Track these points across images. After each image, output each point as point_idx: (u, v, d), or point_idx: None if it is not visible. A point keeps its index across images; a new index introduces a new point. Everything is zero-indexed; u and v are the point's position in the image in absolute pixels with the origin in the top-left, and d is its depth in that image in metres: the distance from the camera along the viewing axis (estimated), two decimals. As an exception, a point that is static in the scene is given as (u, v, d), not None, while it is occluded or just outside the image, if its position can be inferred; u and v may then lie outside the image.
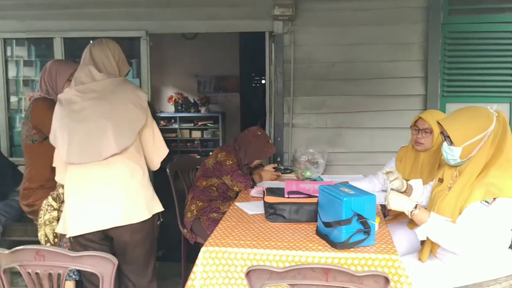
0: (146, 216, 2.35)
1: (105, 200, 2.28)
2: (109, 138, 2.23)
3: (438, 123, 2.29)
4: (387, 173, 2.49)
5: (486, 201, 2.05)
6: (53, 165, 2.44)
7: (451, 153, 2.21)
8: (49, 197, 2.71)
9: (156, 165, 2.51)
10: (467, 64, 4.13)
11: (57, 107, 2.36)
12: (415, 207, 2.21)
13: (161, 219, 2.52)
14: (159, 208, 2.46)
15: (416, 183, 2.56)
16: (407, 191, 2.52)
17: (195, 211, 3.33)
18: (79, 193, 2.30)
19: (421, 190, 2.57)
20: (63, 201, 2.66)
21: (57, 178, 2.46)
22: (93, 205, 2.29)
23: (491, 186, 2.07)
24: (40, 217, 2.72)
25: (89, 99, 2.29)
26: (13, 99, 4.88)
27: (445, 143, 2.24)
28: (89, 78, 2.33)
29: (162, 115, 8.22)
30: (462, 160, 2.20)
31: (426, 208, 2.35)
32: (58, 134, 2.29)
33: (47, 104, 2.84)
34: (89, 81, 2.32)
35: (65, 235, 2.68)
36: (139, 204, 2.34)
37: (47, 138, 2.75)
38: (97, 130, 2.24)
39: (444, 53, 4.09)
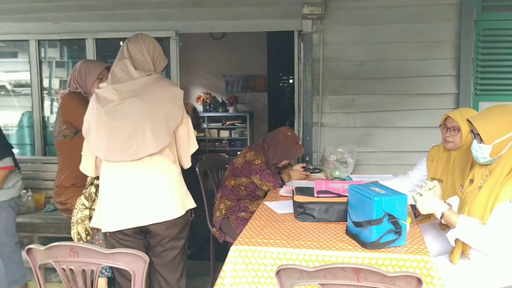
0: (181, 212, 2.37)
1: (143, 197, 2.30)
2: (148, 138, 2.25)
3: (468, 121, 2.26)
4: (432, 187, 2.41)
5: None
6: (82, 153, 2.47)
7: (480, 151, 2.18)
8: (82, 196, 2.76)
9: (188, 162, 2.50)
10: (501, 62, 4.02)
11: (93, 103, 2.36)
12: (445, 209, 2.19)
13: (193, 215, 2.54)
14: (192, 204, 2.48)
15: (454, 200, 2.50)
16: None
17: (224, 210, 3.35)
18: (116, 190, 2.33)
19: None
20: (94, 200, 2.70)
21: (81, 168, 2.48)
22: (131, 202, 2.31)
23: None
24: (74, 216, 2.77)
25: (127, 97, 2.29)
26: (46, 99, 5.00)
27: (475, 141, 2.21)
28: (125, 75, 2.34)
29: (190, 114, 8.28)
30: (492, 158, 2.16)
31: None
32: (93, 131, 2.31)
33: (76, 97, 2.92)
34: (126, 78, 2.33)
35: (97, 232, 2.74)
36: (174, 201, 2.36)
37: (77, 132, 2.82)
38: (136, 130, 2.25)
39: (477, 50, 4.00)
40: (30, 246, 1.82)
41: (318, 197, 2.56)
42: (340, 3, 4.14)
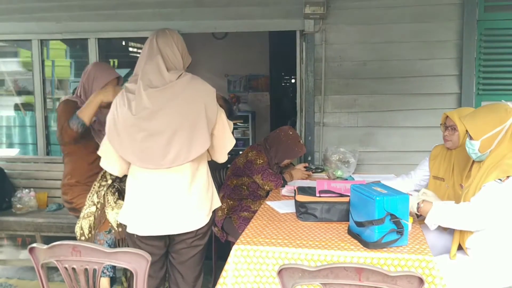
0: (208, 219, 2.33)
1: (170, 205, 2.25)
2: (186, 145, 2.15)
3: (460, 120, 2.37)
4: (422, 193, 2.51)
5: (499, 179, 2.15)
6: (99, 153, 2.35)
7: (471, 147, 2.30)
8: (94, 193, 2.77)
9: (223, 158, 2.42)
10: (503, 62, 4.01)
11: (122, 106, 2.21)
12: (419, 201, 2.34)
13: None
14: (218, 203, 2.46)
15: (429, 192, 2.58)
16: None
17: (226, 209, 3.35)
18: (145, 195, 2.27)
19: None
20: (100, 198, 2.72)
21: (104, 166, 2.36)
22: (158, 209, 2.25)
23: (505, 165, 2.17)
24: (82, 211, 2.79)
25: (163, 103, 2.15)
26: (49, 98, 5.01)
27: (467, 139, 2.33)
28: (159, 76, 2.19)
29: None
30: (482, 153, 2.28)
31: None
32: (123, 135, 2.18)
33: (69, 106, 2.88)
34: (159, 81, 2.19)
35: (98, 232, 2.74)
36: (202, 208, 2.32)
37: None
38: (174, 137, 2.15)
39: (479, 50, 3.99)
40: (33, 245, 1.83)
41: (320, 196, 2.56)
42: (342, 3, 4.14)
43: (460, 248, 2.35)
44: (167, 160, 2.15)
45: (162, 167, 2.18)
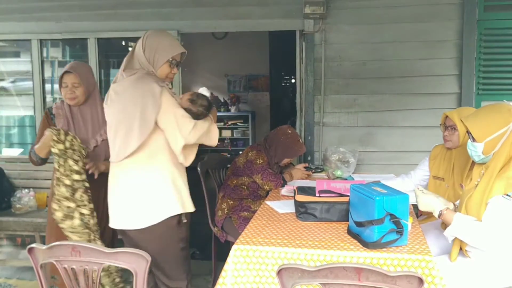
0: (151, 221, 2.30)
1: (117, 201, 2.39)
2: (123, 140, 2.30)
3: (461, 121, 2.30)
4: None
5: (507, 195, 2.07)
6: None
7: (474, 149, 2.22)
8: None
9: (182, 158, 2.33)
10: (503, 61, 4.02)
11: None
12: (443, 208, 2.23)
13: (185, 220, 2.40)
14: (176, 210, 2.35)
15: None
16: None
17: (226, 209, 3.35)
18: (109, 188, 2.46)
19: None
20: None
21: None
22: (111, 203, 2.43)
23: (511, 179, 2.08)
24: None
25: (112, 100, 2.38)
26: (49, 98, 5.01)
27: (469, 140, 2.26)
28: (120, 73, 2.39)
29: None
30: (485, 156, 2.21)
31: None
32: None
33: (42, 121, 2.96)
34: (118, 78, 2.39)
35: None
36: (142, 210, 2.32)
37: None
38: (116, 132, 2.35)
39: (479, 50, 3.99)
40: (32, 245, 1.83)
41: (319, 196, 2.56)
42: (342, 3, 4.14)
43: (460, 249, 2.34)
44: (114, 154, 2.36)
45: (114, 161, 2.37)
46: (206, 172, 3.63)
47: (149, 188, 2.31)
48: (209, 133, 2.41)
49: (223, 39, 7.94)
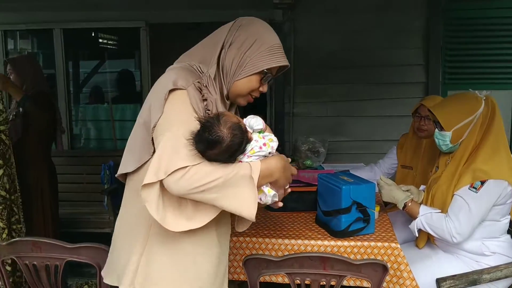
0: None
1: None
2: (125, 154, 1.58)
3: (429, 110, 2.31)
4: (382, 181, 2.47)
5: (474, 187, 2.10)
6: None
7: (442, 138, 2.23)
8: None
9: (146, 180, 1.34)
10: (469, 51, 4.07)
11: None
12: (407, 201, 2.26)
13: None
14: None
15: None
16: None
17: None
18: None
19: None
20: None
21: None
22: None
23: (478, 171, 2.12)
24: None
25: None
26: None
27: (436, 130, 2.27)
28: None
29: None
30: (453, 145, 2.22)
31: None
32: None
33: None
34: None
35: None
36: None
37: None
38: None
39: (445, 39, 4.04)
40: (-8, 242, 1.78)
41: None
42: (310, -7, 4.13)
43: (428, 237, 2.37)
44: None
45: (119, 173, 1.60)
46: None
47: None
48: (230, 193, 1.36)
49: (195, 29, 7.83)
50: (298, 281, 1.69)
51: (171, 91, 1.40)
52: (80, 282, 3.47)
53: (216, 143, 1.34)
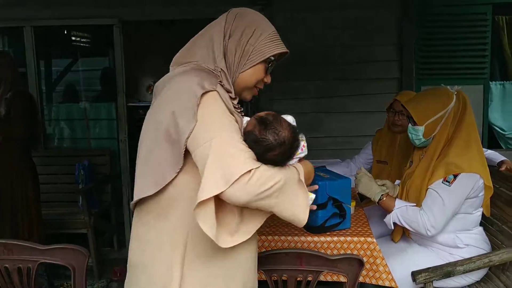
0: None
1: None
2: (138, 175, 1.44)
3: (402, 105, 2.34)
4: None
5: (447, 181, 2.14)
6: None
7: (415, 133, 2.27)
8: None
9: (206, 195, 1.22)
10: (441, 47, 4.13)
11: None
12: (382, 195, 2.28)
13: None
14: None
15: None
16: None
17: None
18: None
19: None
20: None
21: None
22: None
23: (451, 165, 2.16)
24: None
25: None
26: None
27: (410, 124, 2.30)
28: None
29: (141, 104, 8.09)
30: (426, 139, 2.26)
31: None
32: None
33: None
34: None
35: None
36: None
37: None
38: (138, 163, 1.48)
39: (418, 36, 4.09)
40: (-39, 245, 1.73)
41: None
42: (286, -11, 4.12)
43: (403, 231, 2.40)
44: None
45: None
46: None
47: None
48: (287, 197, 1.32)
49: (170, 26, 7.76)
50: (275, 277, 1.69)
51: (202, 95, 1.28)
52: (56, 284, 3.43)
53: (280, 145, 1.31)
